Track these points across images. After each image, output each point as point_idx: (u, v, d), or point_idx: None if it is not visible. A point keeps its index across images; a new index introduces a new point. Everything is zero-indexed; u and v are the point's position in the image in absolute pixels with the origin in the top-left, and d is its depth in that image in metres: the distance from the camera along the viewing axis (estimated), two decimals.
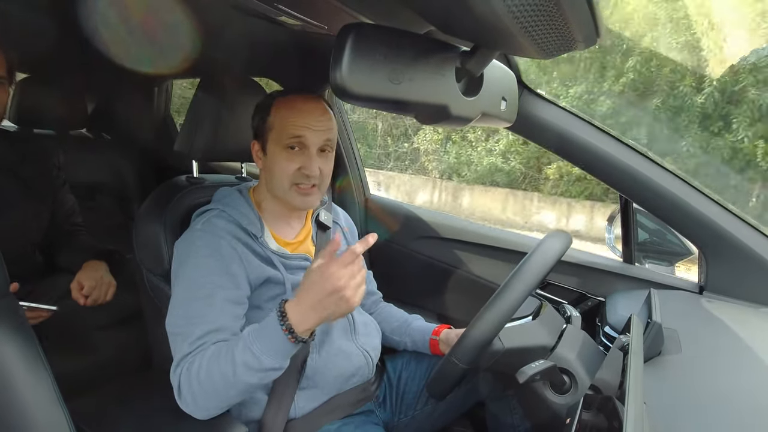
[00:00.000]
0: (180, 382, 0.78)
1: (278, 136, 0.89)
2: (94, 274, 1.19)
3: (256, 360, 0.73)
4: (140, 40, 1.42)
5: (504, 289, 0.76)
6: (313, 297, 0.72)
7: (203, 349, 0.78)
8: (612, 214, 1.34)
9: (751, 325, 0.91)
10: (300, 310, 0.73)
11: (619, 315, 1.01)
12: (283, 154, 0.89)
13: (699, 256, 1.10)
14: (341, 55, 0.49)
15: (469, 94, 0.64)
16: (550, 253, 0.79)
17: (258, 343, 0.74)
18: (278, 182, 0.90)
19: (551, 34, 0.51)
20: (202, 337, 0.79)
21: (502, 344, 0.79)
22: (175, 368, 0.79)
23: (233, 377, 0.73)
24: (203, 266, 0.83)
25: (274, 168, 0.90)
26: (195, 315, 0.80)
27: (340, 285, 0.71)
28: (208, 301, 0.81)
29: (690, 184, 1.05)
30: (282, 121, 0.88)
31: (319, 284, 0.72)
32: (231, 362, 0.73)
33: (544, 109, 1.10)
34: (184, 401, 0.78)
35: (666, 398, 0.64)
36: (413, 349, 1.12)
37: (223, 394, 0.76)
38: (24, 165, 1.28)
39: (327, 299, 0.72)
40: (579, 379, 0.78)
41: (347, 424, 0.94)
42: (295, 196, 0.91)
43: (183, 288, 0.83)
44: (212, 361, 0.75)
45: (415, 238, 1.59)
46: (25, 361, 0.62)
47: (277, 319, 0.73)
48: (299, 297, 0.74)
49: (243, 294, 0.85)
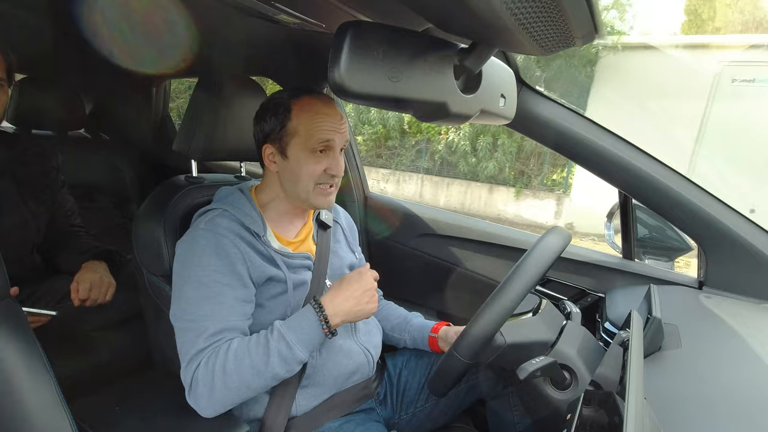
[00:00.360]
0: (196, 377, 0.78)
1: (305, 140, 0.89)
2: (93, 275, 1.19)
3: (289, 350, 0.79)
4: (138, 40, 1.42)
5: (505, 284, 0.76)
6: (353, 291, 0.85)
7: (221, 344, 0.79)
8: (611, 210, 1.34)
9: (750, 320, 0.92)
10: (335, 304, 0.84)
11: (619, 311, 1.02)
12: (311, 157, 0.90)
13: (698, 251, 1.11)
14: (339, 53, 0.49)
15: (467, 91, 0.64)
16: (549, 250, 0.79)
17: (292, 333, 0.80)
18: (303, 185, 0.91)
19: (550, 31, 0.51)
20: (217, 334, 0.80)
21: (504, 339, 0.80)
22: (189, 363, 0.80)
23: (265, 367, 0.78)
24: (210, 265, 0.83)
25: (299, 171, 0.90)
26: (206, 314, 0.81)
27: (372, 286, 0.87)
28: (218, 300, 0.82)
29: (688, 180, 1.05)
30: (309, 126, 0.89)
31: (359, 281, 0.86)
32: (265, 351, 0.79)
33: (542, 105, 1.10)
34: (197, 397, 0.79)
35: (666, 393, 0.64)
36: (413, 347, 1.12)
37: (245, 386, 0.79)
38: (22, 166, 1.27)
39: (362, 296, 0.85)
40: (579, 375, 0.78)
41: (348, 422, 0.94)
42: (317, 197, 0.93)
43: (191, 287, 0.83)
44: (241, 351, 0.79)
45: (415, 236, 1.59)
46: (27, 362, 0.62)
47: (314, 310, 0.83)
48: (336, 292, 0.85)
49: (250, 293, 0.86)
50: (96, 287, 1.17)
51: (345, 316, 0.84)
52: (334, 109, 0.91)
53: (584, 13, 0.50)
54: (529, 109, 1.09)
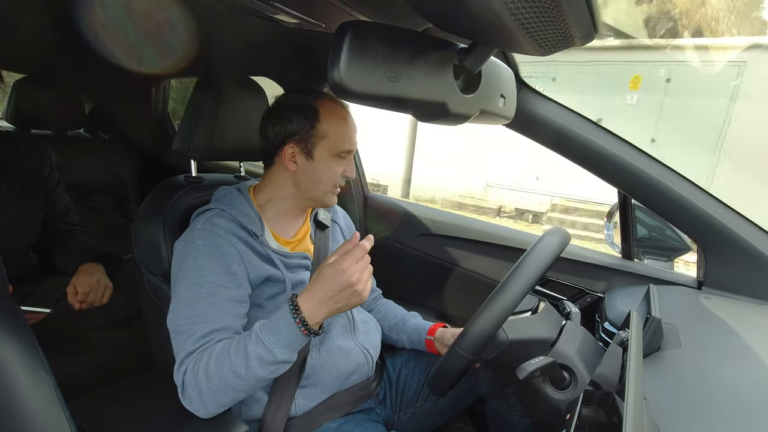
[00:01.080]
0: (184, 380, 0.78)
1: (333, 145, 0.91)
2: (90, 278, 1.19)
3: (268, 353, 0.75)
4: (138, 40, 1.42)
5: (506, 283, 0.77)
6: (327, 291, 0.76)
7: (208, 347, 0.79)
8: (611, 210, 1.35)
9: (749, 320, 0.92)
10: (312, 304, 0.77)
11: (618, 311, 1.02)
12: (335, 160, 0.92)
13: (697, 251, 1.11)
14: (339, 53, 0.49)
15: (467, 91, 0.64)
16: (549, 249, 0.79)
17: (270, 335, 0.76)
18: (324, 185, 0.94)
19: (549, 31, 0.51)
20: (205, 336, 0.79)
21: (507, 335, 0.80)
22: (179, 366, 0.79)
23: (245, 371, 0.75)
24: (205, 265, 0.83)
25: (322, 173, 0.92)
26: (197, 314, 0.80)
27: (353, 280, 0.76)
28: (210, 300, 0.81)
29: (688, 180, 1.05)
30: (339, 132, 0.91)
31: (333, 279, 0.76)
32: (243, 356, 0.75)
33: (542, 105, 1.09)
34: (189, 399, 0.78)
35: (665, 393, 0.64)
36: (410, 347, 1.12)
37: (230, 389, 0.77)
38: (16, 165, 1.27)
39: (340, 294, 0.76)
40: (579, 375, 0.78)
41: (347, 422, 0.94)
42: (331, 197, 0.96)
43: (185, 287, 0.83)
44: (222, 356, 0.76)
45: (414, 236, 1.59)
46: (26, 362, 0.61)
47: (290, 311, 0.76)
48: (312, 290, 0.77)
49: (244, 293, 0.86)
50: (93, 290, 1.17)
51: (326, 315, 0.78)
52: (351, 115, 0.95)
53: (584, 13, 0.50)
54: (528, 109, 1.09)
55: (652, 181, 1.04)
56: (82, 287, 1.16)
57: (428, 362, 1.10)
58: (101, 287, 1.19)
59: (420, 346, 1.10)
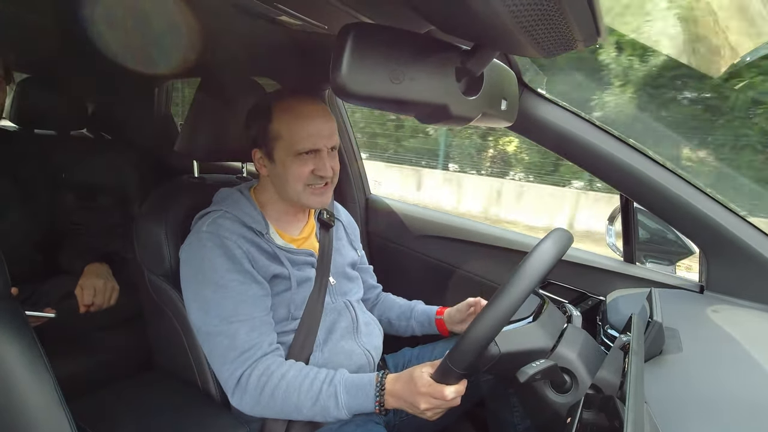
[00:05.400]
0: (242, 384, 0.82)
1: (288, 145, 0.88)
2: (97, 280, 1.19)
3: (336, 409, 0.80)
4: (141, 41, 1.42)
5: (501, 292, 0.73)
6: (408, 397, 0.79)
7: (273, 358, 0.83)
8: (613, 214, 1.34)
9: (752, 325, 0.91)
10: (394, 392, 0.80)
11: (619, 314, 1.01)
12: (296, 161, 0.89)
13: (700, 255, 1.10)
14: (341, 55, 0.49)
15: (469, 93, 0.64)
16: (549, 254, 0.78)
17: (347, 397, 0.80)
18: (292, 187, 0.91)
19: (551, 34, 0.51)
20: (252, 332, 0.83)
21: (499, 349, 0.79)
22: (231, 364, 0.82)
23: (307, 411, 0.80)
24: (222, 266, 0.84)
25: (286, 175, 0.90)
26: (231, 315, 0.82)
27: (427, 408, 0.78)
28: (240, 299, 0.83)
29: (690, 183, 1.04)
30: (290, 129, 0.88)
31: (421, 395, 0.77)
32: (313, 399, 0.80)
33: (544, 108, 1.09)
34: (241, 402, 0.82)
35: (667, 397, 0.64)
36: (421, 333, 1.14)
37: (283, 413, 0.82)
38: (22, 165, 1.28)
39: (413, 408, 0.79)
40: (580, 378, 0.77)
41: (348, 424, 0.93)
42: (309, 197, 0.92)
43: (210, 290, 0.84)
44: (293, 388, 0.80)
45: (415, 237, 1.59)
46: (27, 362, 0.62)
47: (375, 387, 0.81)
48: (401, 384, 0.80)
49: (265, 287, 0.88)
50: (100, 292, 1.18)
51: (397, 407, 0.81)
52: (318, 110, 0.90)
53: (586, 15, 0.50)
54: (530, 112, 1.09)
55: (654, 184, 1.04)
56: (90, 289, 1.16)
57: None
58: (108, 289, 1.20)
59: (431, 330, 1.12)
